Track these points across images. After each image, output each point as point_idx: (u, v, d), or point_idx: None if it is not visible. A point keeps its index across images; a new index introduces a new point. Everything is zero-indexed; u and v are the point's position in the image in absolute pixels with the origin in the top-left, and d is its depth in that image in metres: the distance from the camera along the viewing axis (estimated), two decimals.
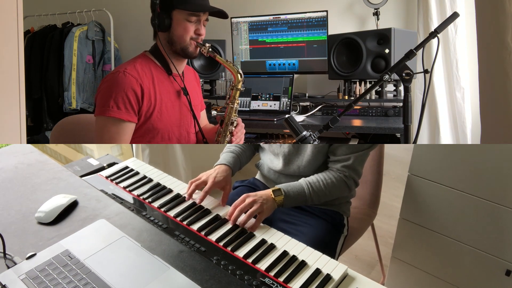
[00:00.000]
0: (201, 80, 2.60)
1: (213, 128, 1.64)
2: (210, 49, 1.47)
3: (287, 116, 1.39)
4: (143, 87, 1.41)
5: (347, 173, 1.38)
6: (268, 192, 1.28)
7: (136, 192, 1.35)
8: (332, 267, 1.04)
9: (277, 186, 1.32)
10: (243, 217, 1.19)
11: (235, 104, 1.50)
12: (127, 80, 1.39)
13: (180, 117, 1.54)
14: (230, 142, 1.51)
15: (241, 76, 1.48)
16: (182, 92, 1.53)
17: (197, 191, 1.34)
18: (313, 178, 1.38)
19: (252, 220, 1.20)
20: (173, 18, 1.44)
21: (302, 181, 1.37)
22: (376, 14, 2.56)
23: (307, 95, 2.65)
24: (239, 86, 1.49)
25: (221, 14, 1.50)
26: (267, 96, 2.47)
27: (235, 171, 1.47)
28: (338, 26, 2.66)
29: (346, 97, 2.42)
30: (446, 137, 2.34)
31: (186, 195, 1.32)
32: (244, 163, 1.54)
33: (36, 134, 3.33)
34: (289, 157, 1.47)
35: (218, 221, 1.21)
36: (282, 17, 2.60)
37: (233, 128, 1.51)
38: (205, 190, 1.31)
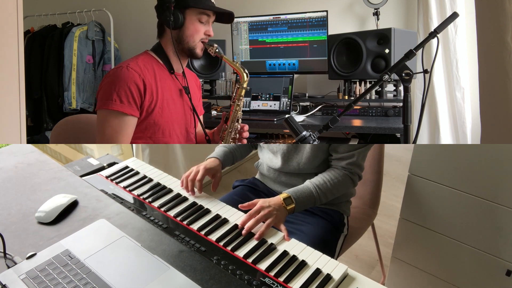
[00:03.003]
0: (201, 80, 2.60)
1: (209, 132, 1.65)
2: (217, 50, 1.51)
3: (287, 116, 1.39)
4: (145, 82, 1.42)
5: (353, 170, 1.39)
6: (279, 201, 1.27)
7: (136, 192, 1.36)
8: (332, 267, 1.04)
9: (285, 193, 1.30)
10: (259, 227, 1.17)
11: (241, 102, 1.54)
12: (130, 74, 1.39)
13: (181, 114, 1.55)
14: (234, 139, 1.53)
15: (247, 76, 1.54)
16: (184, 91, 1.54)
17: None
18: (319, 180, 1.37)
19: (261, 224, 1.19)
20: (186, 17, 1.46)
21: (310, 184, 1.36)
22: (376, 14, 2.56)
23: (307, 95, 2.64)
24: (245, 85, 1.53)
25: (228, 17, 1.55)
26: (267, 96, 2.47)
27: (226, 165, 1.49)
28: (338, 26, 2.66)
29: (346, 97, 2.42)
30: (446, 137, 2.34)
31: (184, 193, 1.34)
32: (238, 158, 1.56)
33: (36, 134, 3.33)
34: (288, 155, 1.47)
35: (218, 221, 1.21)
36: (282, 17, 2.60)
37: (239, 126, 1.53)
38: (198, 179, 1.34)
